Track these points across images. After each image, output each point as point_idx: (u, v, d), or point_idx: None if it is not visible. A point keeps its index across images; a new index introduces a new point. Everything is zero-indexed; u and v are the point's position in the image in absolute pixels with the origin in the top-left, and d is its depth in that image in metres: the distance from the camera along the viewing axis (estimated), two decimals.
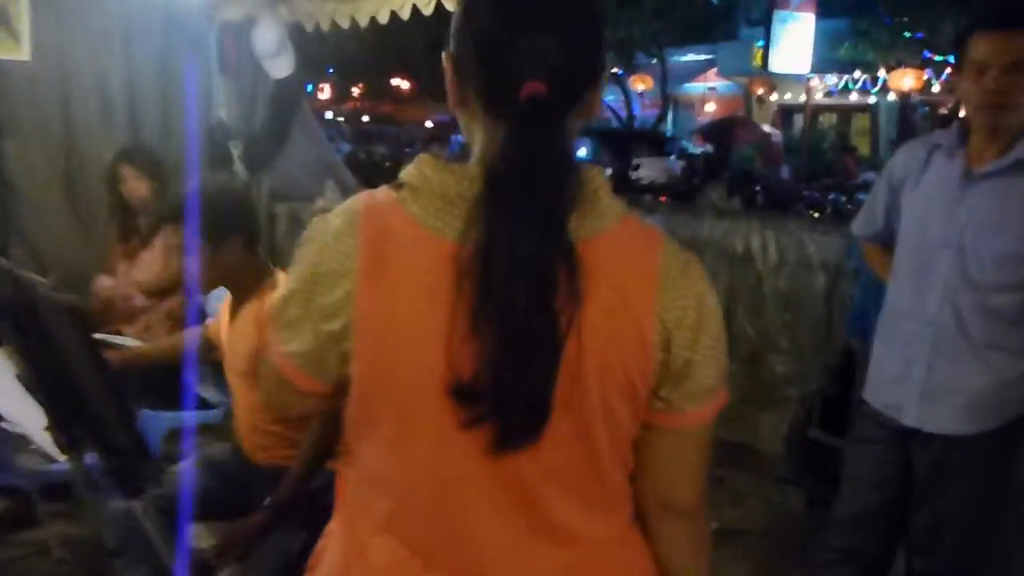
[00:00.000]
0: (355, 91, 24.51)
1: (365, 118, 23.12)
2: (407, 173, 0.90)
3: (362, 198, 0.92)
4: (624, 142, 14.22)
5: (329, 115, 21.60)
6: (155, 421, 2.78)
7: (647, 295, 0.88)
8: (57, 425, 1.87)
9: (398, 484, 0.92)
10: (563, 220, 0.83)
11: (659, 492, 0.97)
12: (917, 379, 1.92)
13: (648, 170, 12.44)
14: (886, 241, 2.10)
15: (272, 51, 3.60)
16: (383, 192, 0.91)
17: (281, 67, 3.60)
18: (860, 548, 2.07)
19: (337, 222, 0.90)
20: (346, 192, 4.28)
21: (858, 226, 2.21)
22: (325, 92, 21.95)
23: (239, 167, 4.12)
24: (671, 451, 0.96)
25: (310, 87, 18.84)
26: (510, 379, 0.82)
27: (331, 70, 19.94)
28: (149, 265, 3.33)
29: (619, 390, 0.89)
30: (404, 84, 20.98)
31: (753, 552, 2.92)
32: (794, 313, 3.39)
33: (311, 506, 1.73)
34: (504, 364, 0.82)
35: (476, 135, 0.91)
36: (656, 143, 15.10)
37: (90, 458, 1.92)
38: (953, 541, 1.94)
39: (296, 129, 4.14)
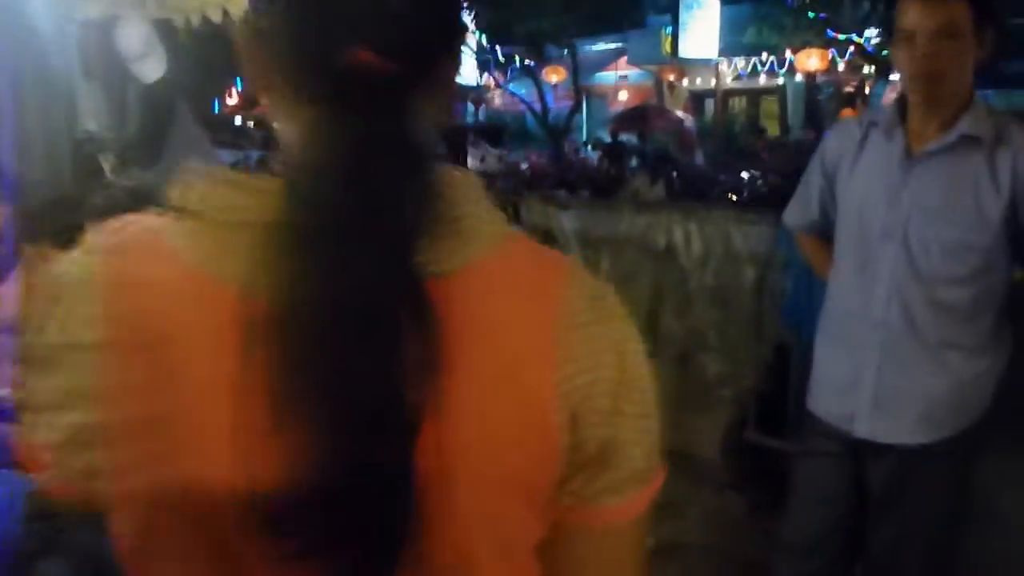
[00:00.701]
0: None
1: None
2: (177, 190, 0.61)
3: (108, 231, 0.62)
4: (458, 135, 14.33)
5: (238, 120, 20.84)
6: (13, 484, 2.42)
7: (543, 353, 0.62)
8: None
9: None
10: (408, 248, 0.56)
11: None
12: (868, 386, 1.72)
13: (474, 161, 12.76)
14: (822, 231, 1.91)
15: (138, 51, 3.23)
16: (144, 220, 0.62)
17: (150, 69, 3.24)
18: (815, 572, 1.87)
19: (70, 270, 0.61)
20: None
21: (790, 216, 2.01)
22: (233, 97, 21.16)
23: (112, 182, 3.71)
24: (589, 557, 0.69)
25: (216, 102, 18.11)
26: (337, 492, 0.54)
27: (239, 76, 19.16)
28: (9, 301, 2.94)
29: (507, 492, 0.62)
30: None
31: (696, 569, 2.72)
32: (723, 309, 3.20)
33: None
34: (326, 471, 0.53)
35: (283, 130, 0.62)
36: (492, 135, 15.14)
37: None
38: (913, 560, 1.76)
39: (174, 137, 3.75)
